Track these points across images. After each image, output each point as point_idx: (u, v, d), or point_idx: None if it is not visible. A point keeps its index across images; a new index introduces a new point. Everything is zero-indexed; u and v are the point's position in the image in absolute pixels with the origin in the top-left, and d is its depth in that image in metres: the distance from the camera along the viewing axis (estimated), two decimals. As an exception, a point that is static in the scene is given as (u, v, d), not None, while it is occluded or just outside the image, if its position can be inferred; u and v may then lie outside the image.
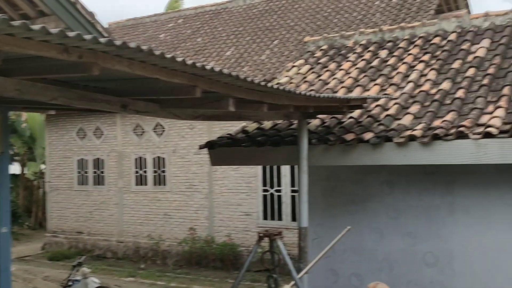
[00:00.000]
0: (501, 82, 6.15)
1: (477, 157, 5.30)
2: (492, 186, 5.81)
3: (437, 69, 6.87)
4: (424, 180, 6.22)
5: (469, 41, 7.24)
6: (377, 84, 7.01)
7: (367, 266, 6.56)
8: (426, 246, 6.20)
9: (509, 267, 5.73)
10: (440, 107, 6.09)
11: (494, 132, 5.19)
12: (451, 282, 6.06)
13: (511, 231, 5.73)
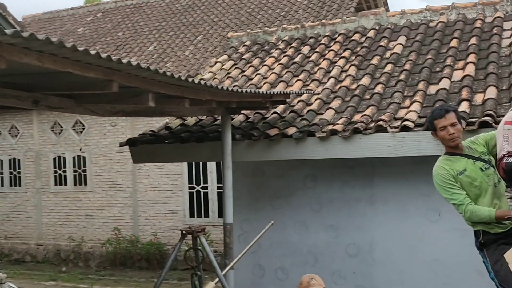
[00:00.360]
0: (416, 77, 6.40)
1: (395, 150, 5.49)
2: (409, 178, 6.03)
3: (357, 65, 7.05)
4: (345, 173, 6.37)
5: (387, 38, 7.48)
6: (300, 80, 7.10)
7: (293, 259, 6.64)
8: (348, 237, 6.36)
9: (425, 255, 5.98)
10: (360, 102, 6.25)
11: (410, 125, 5.38)
12: (372, 271, 6.25)
13: (426, 220, 5.98)
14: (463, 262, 5.61)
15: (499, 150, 3.10)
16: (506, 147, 3.06)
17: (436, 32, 7.26)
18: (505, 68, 6.14)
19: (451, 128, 3.67)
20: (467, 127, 5.09)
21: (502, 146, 3.07)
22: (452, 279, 5.84)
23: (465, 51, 6.65)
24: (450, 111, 3.72)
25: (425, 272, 5.96)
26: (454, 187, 3.69)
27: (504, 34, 6.88)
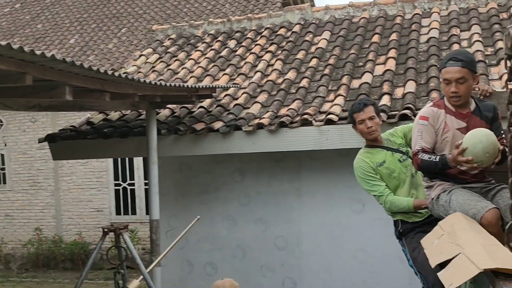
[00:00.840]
0: (340, 72, 6.52)
1: (320, 143, 5.57)
2: (334, 170, 6.14)
3: (283, 60, 7.10)
4: (273, 167, 6.40)
5: (312, 33, 7.57)
6: (226, 74, 7.06)
7: (222, 254, 6.61)
8: (276, 230, 6.40)
9: (351, 245, 6.12)
10: (286, 96, 6.29)
11: (334, 119, 5.48)
12: (299, 263, 6.33)
13: (351, 211, 6.12)
14: (386, 250, 5.78)
15: (414, 144, 3.22)
16: (420, 142, 3.15)
17: (359, 27, 7.43)
18: (423, 63, 6.37)
19: (369, 121, 3.75)
20: (388, 120, 5.24)
21: (416, 141, 3.17)
22: (376, 267, 6.01)
23: (386, 47, 6.85)
24: (368, 105, 3.80)
25: (350, 261, 6.10)
26: (374, 179, 3.77)
27: (422, 30, 7.15)
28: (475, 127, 3.02)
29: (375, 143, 3.86)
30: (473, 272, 1.92)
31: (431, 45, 6.60)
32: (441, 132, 3.12)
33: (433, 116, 3.12)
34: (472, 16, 7.13)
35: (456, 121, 3.10)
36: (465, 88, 3.02)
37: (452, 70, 3.00)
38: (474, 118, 3.10)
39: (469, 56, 3.08)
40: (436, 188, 3.24)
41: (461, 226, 2.62)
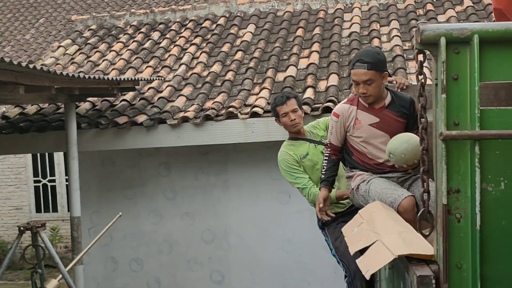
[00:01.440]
0: (265, 65, 6.56)
1: (246, 136, 5.59)
2: (261, 162, 6.18)
3: (208, 52, 7.05)
4: (199, 160, 6.35)
5: (237, 26, 7.57)
6: (150, 66, 6.92)
7: (147, 250, 6.49)
8: (204, 224, 6.37)
9: (277, 236, 6.19)
10: (211, 89, 6.26)
11: (260, 112, 5.51)
12: (227, 256, 6.33)
13: (277, 203, 6.19)
14: (312, 240, 5.87)
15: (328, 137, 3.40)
16: (329, 137, 3.33)
17: (283, 21, 7.50)
18: (345, 56, 6.52)
19: (292, 114, 3.79)
20: (312, 113, 5.33)
21: (328, 135, 3.36)
22: (302, 257, 6.11)
23: (310, 40, 6.95)
24: (290, 97, 3.84)
25: (278, 252, 6.17)
26: (297, 171, 3.82)
27: (344, 25, 7.32)
28: (389, 122, 3.11)
29: (298, 136, 3.91)
30: (388, 258, 1.98)
31: (353, 39, 6.77)
32: (352, 128, 3.19)
33: (343, 113, 3.20)
34: (391, 12, 7.38)
35: (369, 116, 3.16)
36: (373, 88, 3.06)
37: (359, 72, 3.04)
38: (388, 113, 3.15)
39: (375, 57, 3.09)
40: (356, 179, 3.33)
41: (379, 214, 2.70)
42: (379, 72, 3.05)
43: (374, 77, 3.03)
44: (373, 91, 3.06)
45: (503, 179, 1.78)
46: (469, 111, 1.77)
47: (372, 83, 3.03)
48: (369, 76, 3.02)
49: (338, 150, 3.35)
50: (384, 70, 3.09)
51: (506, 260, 1.79)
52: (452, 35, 1.74)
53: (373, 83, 3.04)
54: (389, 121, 3.12)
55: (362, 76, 3.02)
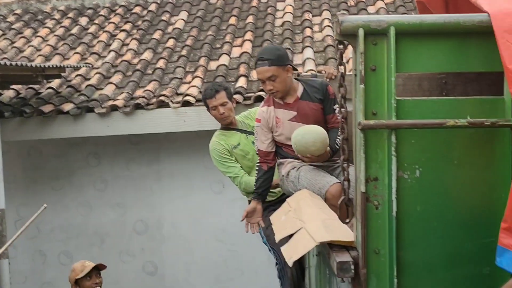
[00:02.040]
0: (198, 53, 6.49)
1: (178, 125, 5.53)
2: (194, 152, 6.13)
3: (139, 39, 6.90)
4: (130, 150, 6.23)
5: (169, 13, 7.45)
6: (78, 53, 6.70)
7: (77, 242, 6.32)
8: (136, 215, 6.27)
9: (210, 225, 6.18)
10: (142, 77, 6.14)
11: (192, 100, 5.45)
12: (160, 247, 6.27)
13: (210, 192, 6.17)
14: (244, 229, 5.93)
15: None
16: (257, 144, 3.31)
17: (216, 9, 7.45)
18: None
19: (221, 107, 3.79)
20: (244, 102, 5.34)
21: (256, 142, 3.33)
22: (236, 246, 6.13)
23: (243, 29, 6.95)
24: (219, 90, 3.81)
25: (212, 242, 6.17)
26: (229, 160, 3.83)
27: (277, 14, 7.36)
28: (306, 113, 3.13)
29: (230, 126, 3.91)
30: (310, 246, 2.01)
31: (286, 28, 6.82)
32: (275, 127, 3.20)
33: (264, 116, 3.19)
34: (323, 2, 7.47)
35: (287, 112, 3.16)
36: (278, 83, 3.06)
37: (261, 70, 3.05)
38: (304, 103, 3.17)
39: (275, 53, 3.10)
40: (287, 166, 3.36)
41: (305, 202, 2.74)
42: (282, 67, 3.06)
43: (277, 72, 3.04)
44: (280, 86, 3.07)
45: (418, 167, 1.85)
46: (386, 101, 1.82)
47: (276, 78, 3.04)
48: (271, 72, 3.03)
49: (268, 156, 3.30)
50: (286, 64, 3.10)
51: (421, 244, 1.86)
52: (370, 27, 1.78)
53: (278, 78, 3.04)
54: (306, 111, 3.14)
55: (265, 73, 3.03)
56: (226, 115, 3.81)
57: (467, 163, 1.84)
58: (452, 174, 1.84)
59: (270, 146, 3.26)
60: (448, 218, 1.85)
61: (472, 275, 1.87)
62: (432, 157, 1.84)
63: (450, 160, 1.84)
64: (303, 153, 2.98)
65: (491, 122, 1.76)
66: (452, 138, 1.84)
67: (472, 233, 1.86)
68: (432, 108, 1.83)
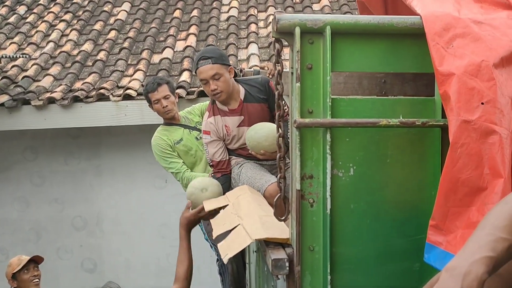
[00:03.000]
0: (140, 46, 6.38)
1: (118, 119, 5.41)
2: (136, 146, 6.03)
3: (79, 30, 6.72)
4: (69, 144, 6.06)
5: (111, 3, 7.28)
6: (15, 43, 6.46)
7: (13, 238, 6.11)
8: (75, 210, 6.12)
9: (154, 220, 6.11)
10: (81, 68, 5.97)
11: (133, 94, 5.35)
12: (100, 243, 6.14)
13: (153, 187, 6.10)
14: (187, 224, 5.88)
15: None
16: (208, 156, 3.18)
17: (161, 1, 7.34)
18: (223, 40, 6.53)
19: (164, 100, 3.74)
20: (187, 96, 5.28)
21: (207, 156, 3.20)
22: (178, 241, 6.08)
23: (188, 23, 6.87)
24: (162, 84, 3.76)
25: (154, 237, 6.10)
26: (171, 156, 3.80)
27: (223, 8, 7.32)
28: (253, 115, 3.08)
29: (173, 121, 3.88)
30: (246, 243, 2.01)
31: (231, 23, 6.80)
32: (226, 136, 3.12)
33: (212, 128, 3.09)
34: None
35: (234, 118, 3.10)
36: (222, 83, 2.96)
37: (204, 69, 2.94)
38: (249, 106, 3.11)
39: (217, 52, 3.06)
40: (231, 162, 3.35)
41: (244, 198, 2.74)
42: (225, 66, 2.98)
43: (221, 70, 2.95)
44: (224, 86, 2.97)
45: (352, 165, 1.87)
46: (322, 99, 1.83)
47: (220, 77, 2.95)
48: (215, 70, 2.94)
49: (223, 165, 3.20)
50: (228, 64, 3.04)
51: (354, 241, 1.89)
52: (306, 26, 1.78)
53: (221, 77, 2.95)
54: (252, 113, 3.09)
55: (209, 71, 2.93)
56: (169, 109, 3.76)
57: (399, 162, 1.88)
58: (385, 172, 1.88)
59: (222, 155, 3.16)
60: (381, 215, 1.89)
61: (403, 271, 1.91)
62: (366, 155, 1.86)
63: (383, 158, 1.87)
64: (256, 149, 2.92)
65: (422, 122, 1.80)
66: (385, 137, 1.87)
67: (403, 230, 1.90)
68: (367, 107, 1.86)
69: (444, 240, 1.66)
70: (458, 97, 1.65)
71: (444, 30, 1.76)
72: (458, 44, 1.73)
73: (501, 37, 1.74)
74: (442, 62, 1.71)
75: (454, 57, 1.72)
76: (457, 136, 1.63)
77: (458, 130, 1.63)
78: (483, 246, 0.97)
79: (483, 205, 1.61)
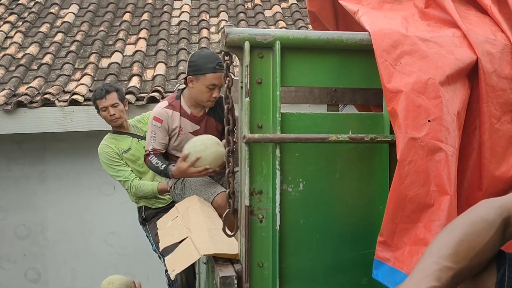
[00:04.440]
0: (88, 49, 6.22)
1: (64, 125, 5.25)
2: (83, 153, 5.87)
3: (24, 32, 6.49)
4: (13, 149, 5.84)
5: (58, 5, 7.08)
6: (-47, 44, 6.17)
7: None
8: (18, 218, 5.90)
9: (101, 229, 5.96)
10: (26, 72, 5.77)
11: (80, 99, 5.20)
12: (44, 252, 5.94)
13: (100, 194, 5.94)
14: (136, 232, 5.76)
15: (147, 143, 3.09)
16: (152, 144, 3.06)
17: (110, 4, 7.19)
18: (174, 45, 6.45)
19: (112, 109, 3.67)
20: (136, 102, 5.18)
21: (149, 142, 3.08)
22: (126, 250, 5.97)
23: (138, 26, 6.76)
24: (111, 91, 3.68)
25: (101, 245, 5.95)
26: (119, 164, 3.73)
27: (174, 13, 7.24)
28: (209, 129, 3.06)
29: (121, 129, 3.81)
30: (194, 258, 1.97)
31: (182, 28, 6.72)
32: (176, 135, 3.06)
33: (167, 118, 3.02)
34: (221, 3, 7.46)
35: (191, 124, 3.07)
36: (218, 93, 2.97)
37: (220, 76, 2.82)
38: (209, 120, 3.10)
39: None
40: (173, 177, 3.29)
41: (194, 210, 2.69)
42: None
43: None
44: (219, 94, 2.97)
45: (301, 180, 1.86)
46: (272, 114, 1.81)
47: (221, 87, 2.92)
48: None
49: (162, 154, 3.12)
50: None
51: (303, 256, 1.88)
52: (255, 40, 1.76)
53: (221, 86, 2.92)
54: (209, 128, 3.07)
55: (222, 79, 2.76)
56: (116, 117, 3.69)
57: (348, 177, 1.89)
58: (334, 187, 1.88)
59: (166, 147, 3.09)
60: (330, 230, 1.89)
61: (352, 285, 1.92)
62: (315, 170, 1.86)
63: (332, 173, 1.88)
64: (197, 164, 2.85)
65: (370, 138, 1.81)
66: (335, 152, 1.87)
67: (352, 245, 1.91)
68: (317, 122, 1.86)
69: (392, 256, 1.67)
70: (405, 115, 1.67)
71: (392, 47, 1.77)
72: (406, 62, 1.75)
73: (446, 55, 1.78)
74: (390, 79, 1.73)
75: (402, 74, 1.74)
76: (404, 153, 1.65)
77: (406, 147, 1.65)
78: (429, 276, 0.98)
79: (430, 221, 1.63)
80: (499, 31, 1.90)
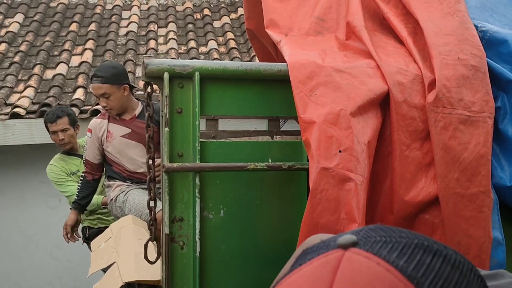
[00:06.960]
0: (33, 60, 6.11)
1: (5, 138, 5.16)
2: (27, 165, 5.76)
3: (-35, 41, 6.32)
4: (-48, 162, 5.67)
5: (2, 14, 6.92)
6: None
7: None
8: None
9: (46, 242, 5.85)
10: (-34, 83, 5.62)
11: (22, 112, 5.11)
12: (-14, 268, 5.79)
13: (45, 206, 5.84)
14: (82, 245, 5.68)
15: None
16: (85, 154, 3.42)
17: (57, 13, 7.08)
18: (120, 56, 6.41)
19: (61, 133, 3.77)
20: (80, 115, 5.12)
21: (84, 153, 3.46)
22: (72, 263, 5.87)
23: (85, 37, 6.68)
24: (62, 116, 3.78)
25: (46, 259, 5.85)
26: (66, 180, 3.85)
27: (122, 23, 7.19)
28: (140, 132, 3.18)
29: (71, 151, 3.90)
30: (117, 285, 1.98)
31: (129, 39, 6.68)
32: (105, 141, 3.24)
33: (95, 127, 3.25)
34: (170, 14, 7.46)
35: (120, 128, 3.23)
36: (112, 101, 3.13)
37: (94, 87, 3.13)
38: (139, 123, 3.24)
39: (110, 71, 3.15)
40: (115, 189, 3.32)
41: (126, 231, 2.70)
42: (116, 85, 3.12)
43: (110, 90, 3.10)
44: (113, 104, 3.13)
45: (222, 206, 1.90)
46: (192, 143, 1.84)
47: (109, 96, 3.10)
48: (104, 90, 3.09)
49: (95, 168, 3.35)
50: (122, 83, 3.15)
51: (224, 282, 1.91)
52: (175, 71, 1.80)
53: (111, 96, 3.11)
54: (140, 131, 3.18)
55: (98, 90, 3.10)
56: (65, 142, 3.79)
57: (268, 203, 1.93)
58: (255, 213, 1.92)
59: (97, 157, 3.30)
60: (251, 255, 1.93)
61: (274, 309, 1.96)
62: (236, 197, 1.90)
63: (253, 200, 1.92)
64: None
65: (288, 166, 1.86)
66: (255, 179, 1.92)
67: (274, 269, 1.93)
68: (236, 150, 1.90)
69: (305, 282, 1.72)
70: (318, 145, 1.73)
71: (308, 78, 1.83)
72: (320, 93, 1.81)
73: (359, 85, 1.84)
74: (305, 109, 1.79)
75: (316, 105, 1.79)
76: (316, 182, 1.70)
77: (318, 177, 1.70)
78: None
79: (339, 249, 1.69)
80: (412, 61, 1.99)
